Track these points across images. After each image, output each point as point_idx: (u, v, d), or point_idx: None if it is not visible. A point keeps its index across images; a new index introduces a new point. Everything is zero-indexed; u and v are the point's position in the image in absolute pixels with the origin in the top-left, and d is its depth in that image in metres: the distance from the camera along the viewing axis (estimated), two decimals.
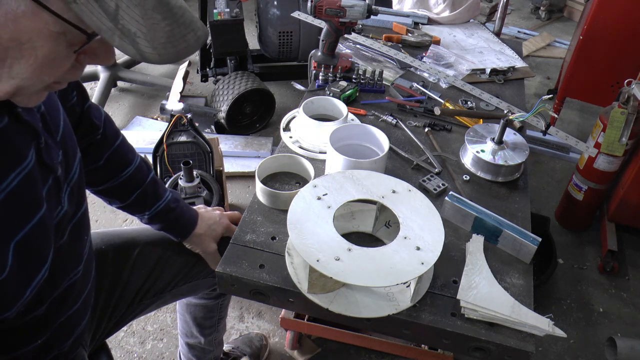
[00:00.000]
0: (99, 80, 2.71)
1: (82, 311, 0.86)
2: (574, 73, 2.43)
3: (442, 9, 2.03)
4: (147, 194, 1.02)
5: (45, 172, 0.70)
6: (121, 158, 1.00)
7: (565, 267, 2.06)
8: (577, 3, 4.02)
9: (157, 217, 1.05)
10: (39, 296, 0.72)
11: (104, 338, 1.05)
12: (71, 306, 0.82)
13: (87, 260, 0.85)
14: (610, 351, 1.67)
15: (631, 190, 1.96)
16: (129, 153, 1.02)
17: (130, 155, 1.02)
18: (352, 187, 0.99)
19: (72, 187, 0.77)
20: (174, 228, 1.07)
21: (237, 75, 2.48)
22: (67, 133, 0.78)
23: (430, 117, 1.44)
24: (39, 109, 0.70)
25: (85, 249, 0.85)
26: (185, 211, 1.08)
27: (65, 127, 0.77)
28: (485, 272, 0.99)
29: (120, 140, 1.01)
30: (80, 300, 0.84)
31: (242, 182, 2.33)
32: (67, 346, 0.84)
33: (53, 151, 0.72)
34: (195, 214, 1.10)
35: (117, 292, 1.03)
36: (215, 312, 1.31)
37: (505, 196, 1.21)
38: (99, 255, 1.03)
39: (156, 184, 1.04)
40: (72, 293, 0.82)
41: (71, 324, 0.84)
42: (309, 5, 1.46)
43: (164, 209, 1.04)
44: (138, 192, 1.01)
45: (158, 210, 1.04)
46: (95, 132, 0.95)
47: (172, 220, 1.06)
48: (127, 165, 1.00)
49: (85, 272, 0.85)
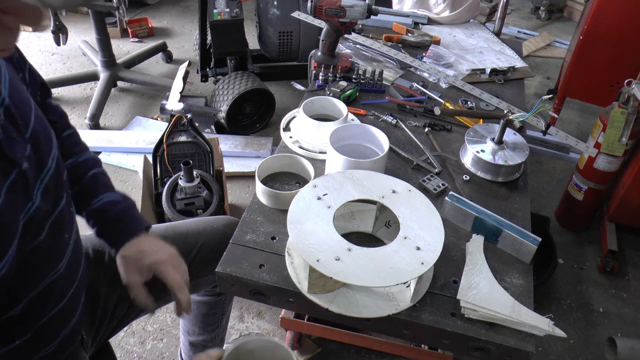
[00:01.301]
0: (99, 80, 2.71)
1: (68, 311, 0.84)
2: (574, 73, 2.43)
3: (442, 9, 2.03)
4: (85, 190, 0.98)
5: (6, 165, 0.69)
6: (64, 150, 0.97)
7: (565, 267, 2.06)
8: (577, 3, 4.02)
9: (91, 216, 0.98)
10: (11, 295, 0.71)
11: (106, 339, 1.05)
12: (54, 306, 0.80)
13: (71, 259, 0.83)
14: (610, 351, 1.67)
15: (631, 190, 1.96)
16: (75, 147, 1.00)
17: (76, 149, 1.00)
18: (352, 187, 0.99)
19: (48, 184, 0.76)
20: (103, 233, 0.98)
21: (237, 75, 2.48)
22: (41, 130, 0.77)
23: (430, 117, 1.44)
24: (2, 102, 0.70)
25: (68, 247, 0.82)
26: (124, 221, 0.97)
27: (37, 123, 0.76)
28: (485, 272, 0.99)
29: (67, 133, 1.00)
30: (64, 300, 0.82)
31: (242, 182, 2.33)
32: (54, 347, 0.82)
33: (17, 145, 0.71)
34: (137, 231, 0.96)
35: (117, 292, 1.03)
36: (219, 308, 1.31)
37: (505, 196, 1.21)
38: (98, 255, 1.03)
39: (96, 182, 0.99)
40: (53, 292, 0.79)
41: (56, 323, 0.82)
42: (309, 5, 1.46)
43: (98, 208, 0.97)
44: (77, 187, 0.97)
45: (92, 209, 0.97)
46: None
47: (102, 223, 0.97)
48: (68, 157, 0.98)
49: (68, 271, 0.82)
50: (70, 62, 3.13)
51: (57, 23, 2.42)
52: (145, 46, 3.16)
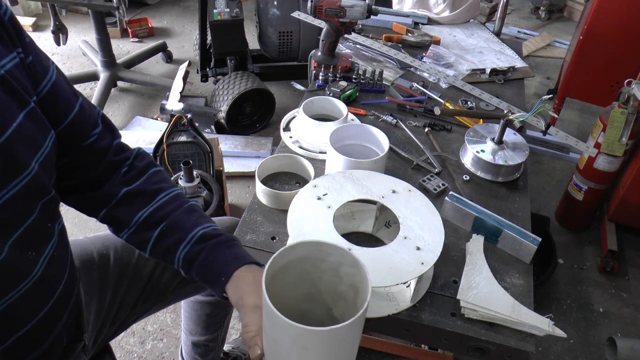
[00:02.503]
0: (99, 80, 2.71)
1: (38, 332, 0.75)
2: (574, 73, 2.43)
3: (442, 9, 2.03)
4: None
5: None
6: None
7: (565, 267, 2.06)
8: (577, 3, 4.02)
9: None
10: None
11: (107, 341, 1.05)
12: (20, 328, 0.72)
13: (40, 278, 0.72)
14: (610, 351, 1.67)
15: (631, 190, 1.97)
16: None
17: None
18: (352, 187, 0.99)
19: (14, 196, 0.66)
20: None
21: (237, 75, 2.49)
22: (17, 140, 0.65)
23: (430, 117, 1.44)
24: None
25: (35, 266, 0.71)
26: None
27: (15, 134, 0.65)
28: (485, 272, 0.99)
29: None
30: (33, 321, 0.73)
31: (242, 182, 2.33)
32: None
33: None
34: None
35: (119, 295, 1.03)
36: (222, 308, 1.31)
37: (505, 196, 1.21)
38: (103, 259, 1.03)
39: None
40: (17, 312, 0.70)
41: (26, 343, 0.74)
42: (309, 5, 1.46)
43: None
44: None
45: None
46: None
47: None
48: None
49: (35, 291, 0.72)
50: (70, 62, 3.13)
51: (57, 23, 2.42)
52: (145, 46, 3.16)
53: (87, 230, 2.05)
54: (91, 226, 2.06)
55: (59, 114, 0.77)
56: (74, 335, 0.88)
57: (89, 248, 1.03)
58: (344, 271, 0.69)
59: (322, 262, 0.70)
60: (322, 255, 0.69)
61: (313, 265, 0.70)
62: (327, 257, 0.69)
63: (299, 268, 0.70)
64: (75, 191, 0.86)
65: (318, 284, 0.73)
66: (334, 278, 0.71)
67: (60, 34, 2.46)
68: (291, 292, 0.72)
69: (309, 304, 0.75)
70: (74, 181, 0.84)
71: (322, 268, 0.71)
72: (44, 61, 0.75)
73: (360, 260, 0.66)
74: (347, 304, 0.72)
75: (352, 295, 0.70)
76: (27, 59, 0.70)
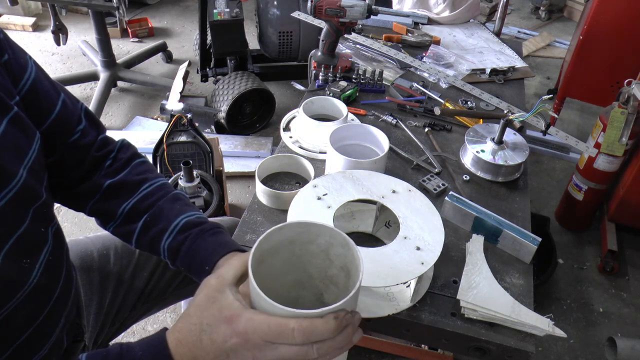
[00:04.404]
0: (99, 80, 2.71)
1: (37, 339, 0.73)
2: (574, 73, 2.43)
3: (442, 9, 2.03)
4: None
5: None
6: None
7: (565, 267, 2.06)
8: (577, 3, 4.02)
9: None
10: None
11: (107, 341, 1.05)
12: (18, 337, 0.69)
13: (36, 285, 0.69)
14: (610, 351, 1.67)
15: (631, 190, 1.97)
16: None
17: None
18: (352, 187, 0.99)
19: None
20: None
21: (237, 75, 2.49)
22: (2, 149, 0.62)
23: (430, 117, 1.44)
24: None
25: (30, 274, 0.69)
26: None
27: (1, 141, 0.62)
28: (485, 272, 0.99)
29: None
30: (31, 329, 0.71)
31: (242, 182, 2.33)
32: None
33: None
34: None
35: (120, 295, 1.02)
36: None
37: (505, 196, 1.21)
38: (103, 259, 1.02)
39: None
40: (14, 322, 0.68)
41: (26, 349, 0.72)
42: (309, 5, 1.46)
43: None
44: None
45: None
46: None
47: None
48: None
49: (32, 298, 0.69)
50: (70, 62, 3.13)
51: (57, 23, 2.42)
52: (145, 46, 3.16)
53: (87, 230, 2.05)
54: (91, 226, 2.05)
55: (42, 113, 0.74)
56: (74, 335, 0.88)
57: (89, 248, 1.03)
58: (334, 252, 0.68)
59: (311, 245, 0.68)
60: (311, 237, 0.67)
61: (302, 247, 0.68)
62: (316, 239, 0.68)
63: (288, 252, 0.68)
64: (61, 188, 0.83)
65: (308, 268, 0.71)
66: (324, 261, 0.69)
67: (60, 34, 2.46)
68: (280, 279, 0.70)
69: (299, 291, 0.73)
70: (59, 179, 0.81)
71: (311, 251, 0.69)
72: (21, 58, 0.71)
73: (350, 240, 0.64)
74: (338, 290, 0.71)
75: (344, 279, 0.69)
76: (2, 57, 0.66)
